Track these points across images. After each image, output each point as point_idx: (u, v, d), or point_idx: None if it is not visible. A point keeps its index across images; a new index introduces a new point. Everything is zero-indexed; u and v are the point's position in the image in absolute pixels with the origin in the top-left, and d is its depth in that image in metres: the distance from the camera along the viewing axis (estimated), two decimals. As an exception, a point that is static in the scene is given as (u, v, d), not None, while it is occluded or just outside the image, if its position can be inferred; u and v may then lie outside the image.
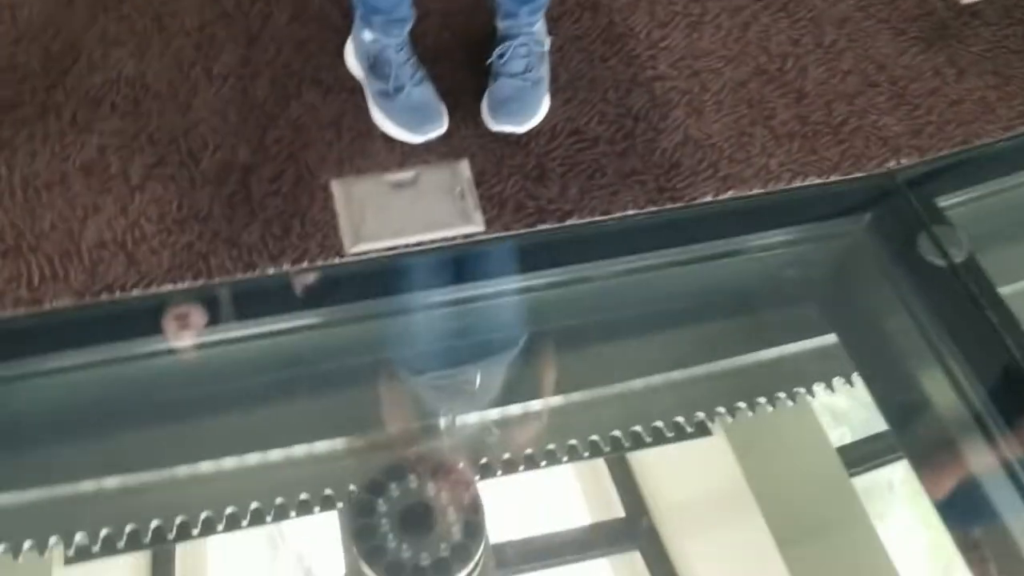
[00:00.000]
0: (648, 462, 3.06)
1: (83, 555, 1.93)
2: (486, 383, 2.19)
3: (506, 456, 2.10)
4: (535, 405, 2.21)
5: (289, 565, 2.62)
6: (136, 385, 1.98)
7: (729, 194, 2.08)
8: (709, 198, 2.12)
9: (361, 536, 1.82)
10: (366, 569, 1.80)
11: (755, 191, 2.07)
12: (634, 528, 2.97)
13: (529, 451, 2.12)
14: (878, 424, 2.26)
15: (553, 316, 2.27)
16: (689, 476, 2.72)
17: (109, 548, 1.88)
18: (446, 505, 1.85)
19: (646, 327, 2.28)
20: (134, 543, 1.90)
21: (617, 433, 2.17)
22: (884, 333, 2.24)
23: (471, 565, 1.83)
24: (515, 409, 2.20)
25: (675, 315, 2.30)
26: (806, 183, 2.11)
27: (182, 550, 2.96)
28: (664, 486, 2.97)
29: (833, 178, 2.18)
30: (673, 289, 2.27)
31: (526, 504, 2.58)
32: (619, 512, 3.03)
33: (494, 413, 2.16)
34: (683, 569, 2.81)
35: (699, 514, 2.82)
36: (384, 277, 1.96)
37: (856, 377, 2.19)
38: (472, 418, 2.16)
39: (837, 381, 2.22)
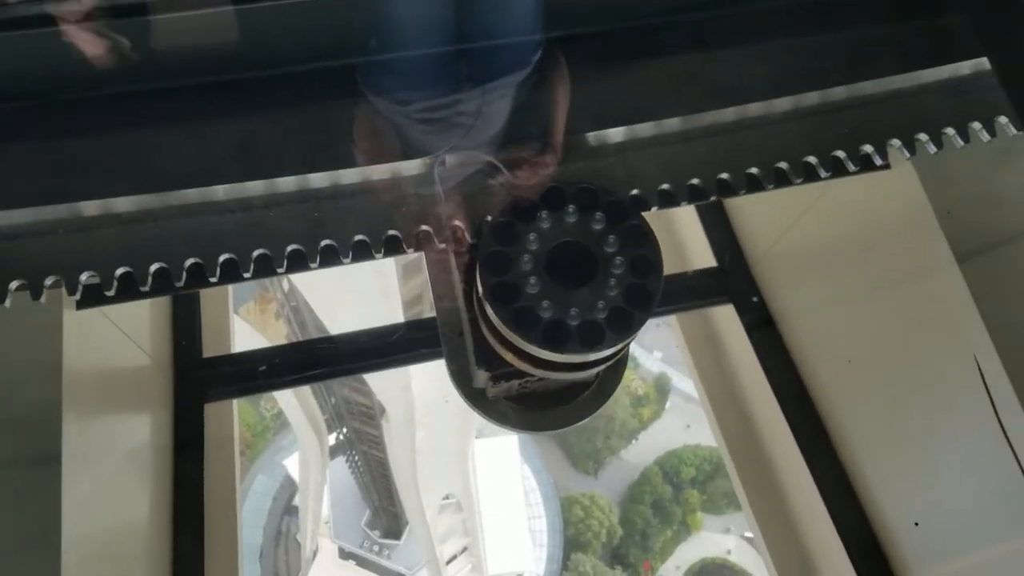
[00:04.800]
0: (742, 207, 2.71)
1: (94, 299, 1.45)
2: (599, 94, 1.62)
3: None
4: (636, 132, 1.66)
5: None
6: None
7: None
8: None
9: (494, 278, 1.37)
10: (503, 328, 1.36)
11: None
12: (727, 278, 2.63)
13: (636, 191, 1.60)
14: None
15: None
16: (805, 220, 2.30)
17: (128, 291, 1.42)
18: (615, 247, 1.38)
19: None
20: (162, 284, 1.41)
21: (754, 171, 1.65)
22: None
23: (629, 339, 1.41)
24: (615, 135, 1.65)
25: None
26: None
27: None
28: (760, 233, 2.60)
29: None
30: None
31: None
32: (710, 261, 2.66)
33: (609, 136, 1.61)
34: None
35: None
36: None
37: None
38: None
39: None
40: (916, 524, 2.06)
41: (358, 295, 10.22)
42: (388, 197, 1.50)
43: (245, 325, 18.16)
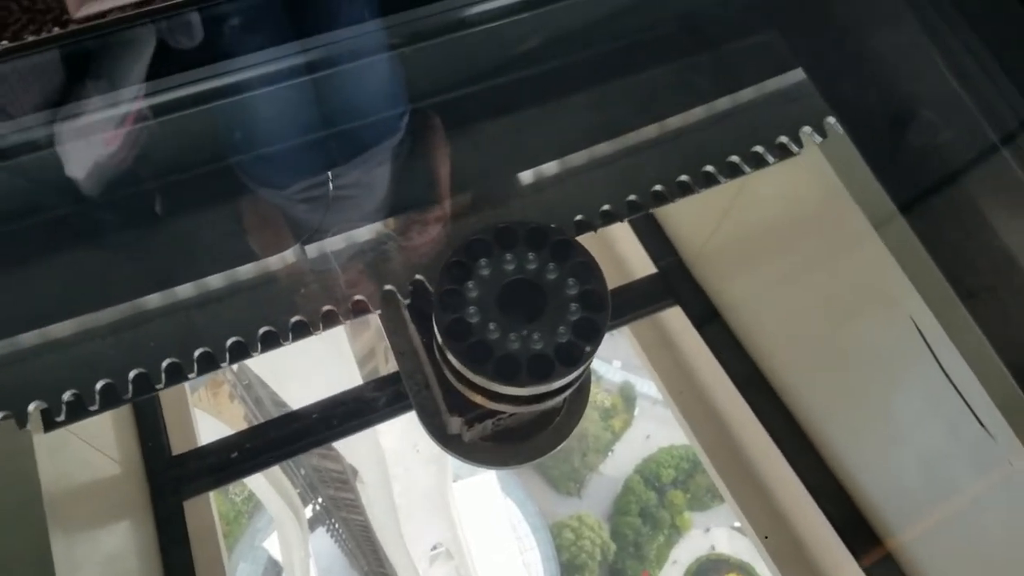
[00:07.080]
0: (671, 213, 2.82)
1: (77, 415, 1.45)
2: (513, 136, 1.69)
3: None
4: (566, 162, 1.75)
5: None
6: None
7: None
8: None
9: (447, 317, 1.42)
10: (457, 363, 1.40)
11: None
12: (669, 281, 2.72)
13: (579, 217, 1.68)
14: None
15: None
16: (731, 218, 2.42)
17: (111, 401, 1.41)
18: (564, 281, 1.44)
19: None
20: (142, 388, 1.42)
21: (685, 178, 1.74)
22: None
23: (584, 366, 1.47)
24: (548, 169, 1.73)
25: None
26: None
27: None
28: (691, 234, 2.71)
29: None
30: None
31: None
32: (650, 268, 2.76)
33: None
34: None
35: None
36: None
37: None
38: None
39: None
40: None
41: (310, 359, 10.13)
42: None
43: (201, 413, 17.80)
